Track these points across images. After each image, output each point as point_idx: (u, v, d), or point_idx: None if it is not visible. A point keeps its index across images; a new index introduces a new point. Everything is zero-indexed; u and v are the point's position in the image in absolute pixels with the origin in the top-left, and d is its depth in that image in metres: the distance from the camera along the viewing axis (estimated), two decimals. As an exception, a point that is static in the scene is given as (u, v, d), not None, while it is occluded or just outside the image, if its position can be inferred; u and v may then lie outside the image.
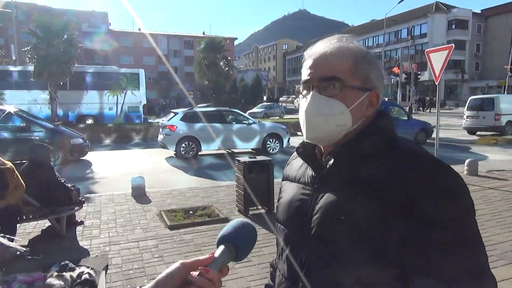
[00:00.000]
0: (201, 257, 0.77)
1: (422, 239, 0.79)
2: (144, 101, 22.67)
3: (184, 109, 12.64)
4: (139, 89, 22.29)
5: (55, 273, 3.11)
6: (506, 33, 46.12)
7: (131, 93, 21.72)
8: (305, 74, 0.98)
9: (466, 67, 50.85)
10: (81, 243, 4.64)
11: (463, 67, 50.21)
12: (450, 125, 22.02)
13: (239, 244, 0.82)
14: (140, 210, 5.98)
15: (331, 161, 0.94)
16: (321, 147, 1.02)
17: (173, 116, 12.10)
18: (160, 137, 12.08)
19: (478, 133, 17.32)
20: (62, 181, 5.07)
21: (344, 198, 0.90)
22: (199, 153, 11.89)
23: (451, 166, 0.86)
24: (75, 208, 5.04)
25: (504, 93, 28.97)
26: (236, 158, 6.00)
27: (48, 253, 4.18)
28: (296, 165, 1.12)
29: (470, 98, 18.54)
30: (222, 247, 0.81)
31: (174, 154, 11.83)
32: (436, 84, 8.23)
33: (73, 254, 4.24)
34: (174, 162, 11.26)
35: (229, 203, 6.26)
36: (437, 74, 8.15)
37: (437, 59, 8.17)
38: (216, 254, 0.79)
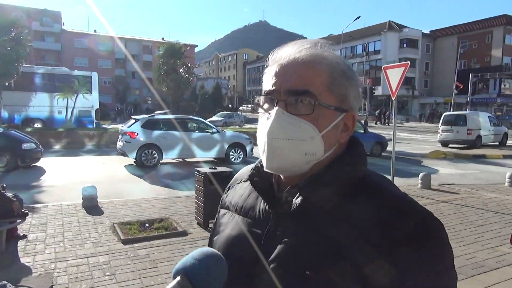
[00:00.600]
0: None
1: None
2: (97, 106, 21.85)
3: (145, 116, 12.26)
4: (91, 93, 21.43)
5: (-10, 298, 2.77)
6: (452, 53, 49.36)
7: (82, 97, 20.75)
8: (268, 83, 0.79)
9: (416, 84, 53.75)
10: (22, 260, 4.21)
11: (413, 84, 53.02)
12: (403, 138, 22.99)
13: (198, 282, 0.66)
14: (91, 223, 5.58)
15: (299, 199, 0.76)
16: (281, 176, 0.83)
17: (134, 122, 11.68)
18: (120, 144, 11.58)
19: (450, 145, 18.74)
20: (2, 190, 4.61)
21: (310, 247, 0.72)
22: (160, 161, 11.50)
23: (439, 220, 0.75)
24: (17, 221, 4.60)
25: (450, 110, 31.04)
26: (196, 168, 5.79)
27: (-17, 272, 3.76)
28: (242, 192, 0.90)
29: (444, 114, 20.42)
30: (173, 282, 0.65)
31: (134, 162, 11.37)
32: (393, 99, 8.51)
33: (13, 272, 3.84)
34: (132, 171, 10.80)
35: (188, 215, 6.01)
36: (394, 90, 8.41)
37: (394, 75, 8.46)
38: None
